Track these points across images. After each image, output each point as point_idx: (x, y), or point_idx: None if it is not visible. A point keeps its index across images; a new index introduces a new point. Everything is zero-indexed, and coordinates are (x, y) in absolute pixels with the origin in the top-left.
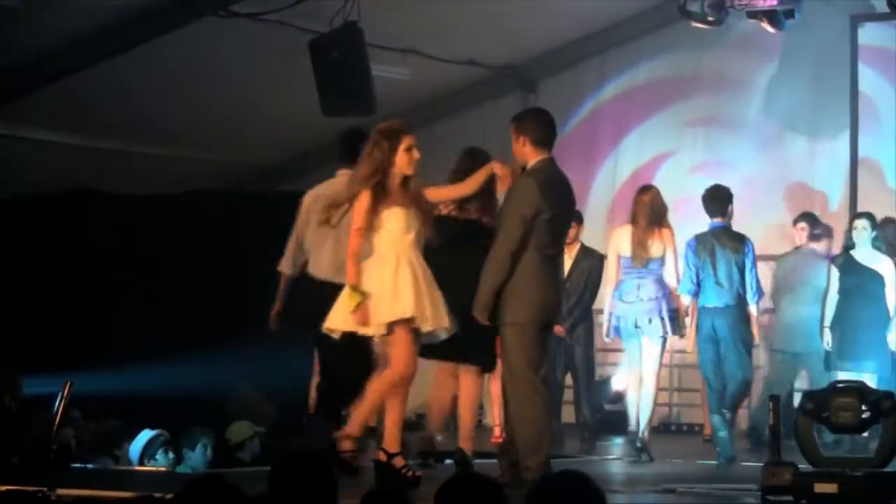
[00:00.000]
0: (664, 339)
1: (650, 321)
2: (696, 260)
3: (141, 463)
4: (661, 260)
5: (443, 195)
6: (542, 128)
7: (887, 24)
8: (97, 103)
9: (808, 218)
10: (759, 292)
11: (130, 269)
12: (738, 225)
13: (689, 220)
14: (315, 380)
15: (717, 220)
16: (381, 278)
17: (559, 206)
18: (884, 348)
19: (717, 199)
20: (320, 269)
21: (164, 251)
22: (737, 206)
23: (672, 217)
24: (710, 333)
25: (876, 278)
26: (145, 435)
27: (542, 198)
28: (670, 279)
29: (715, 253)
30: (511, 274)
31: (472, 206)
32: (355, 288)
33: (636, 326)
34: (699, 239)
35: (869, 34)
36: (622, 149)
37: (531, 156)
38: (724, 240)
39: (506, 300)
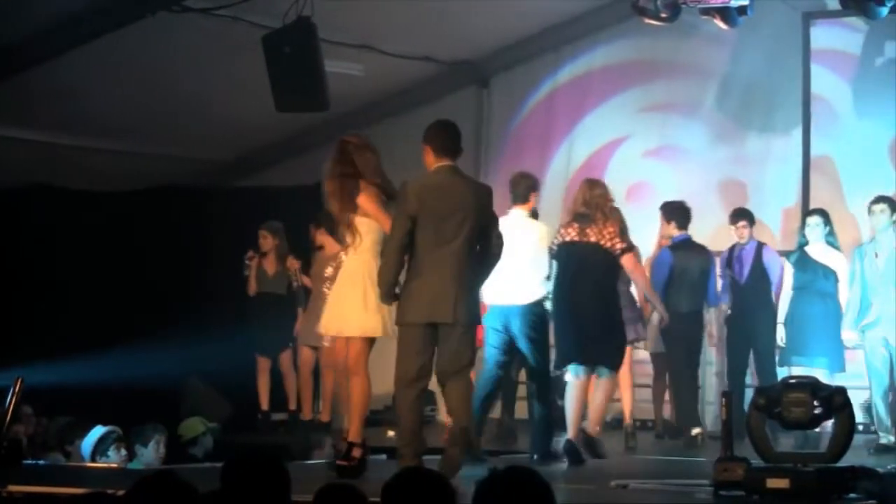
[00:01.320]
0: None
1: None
2: (667, 270)
3: (93, 459)
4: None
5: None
6: (443, 137)
7: (840, 26)
8: (51, 99)
9: (747, 214)
10: (718, 298)
11: (84, 264)
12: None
13: (642, 203)
14: (262, 378)
15: (685, 233)
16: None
17: (438, 207)
18: (837, 344)
19: (686, 213)
20: None
21: (119, 246)
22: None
23: (626, 201)
24: (680, 336)
25: (829, 274)
26: (97, 431)
27: (416, 200)
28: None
29: (686, 262)
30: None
31: (591, 232)
32: None
33: None
34: (673, 250)
35: (823, 36)
36: (577, 134)
37: (432, 163)
38: (692, 250)
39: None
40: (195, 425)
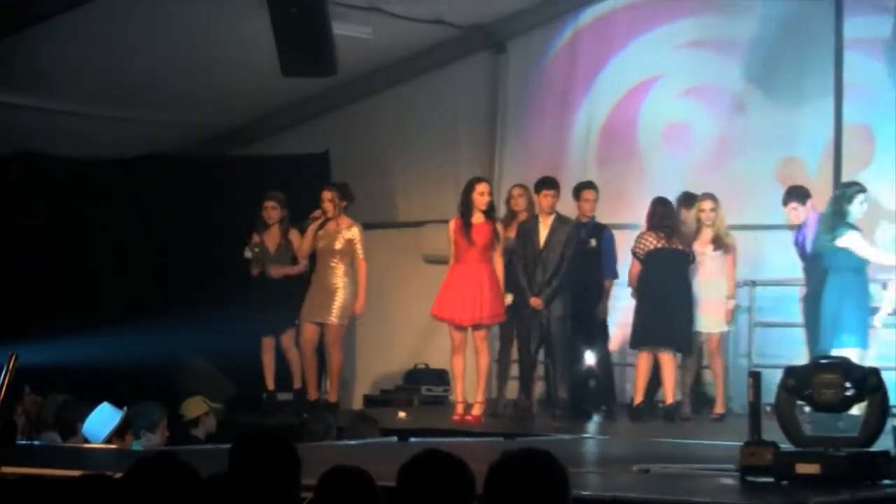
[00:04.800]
0: None
1: None
2: None
3: (108, 442)
4: None
5: None
6: None
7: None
8: (48, 63)
9: (797, 194)
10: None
11: (79, 236)
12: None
13: (679, 144)
14: (266, 356)
15: None
16: None
17: None
18: (865, 320)
19: None
20: None
21: (116, 218)
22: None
23: (661, 142)
24: None
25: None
26: (113, 415)
27: None
28: None
29: None
30: None
31: (675, 239)
32: None
33: None
34: None
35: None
36: (603, 76)
37: None
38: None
39: None
40: (198, 405)
